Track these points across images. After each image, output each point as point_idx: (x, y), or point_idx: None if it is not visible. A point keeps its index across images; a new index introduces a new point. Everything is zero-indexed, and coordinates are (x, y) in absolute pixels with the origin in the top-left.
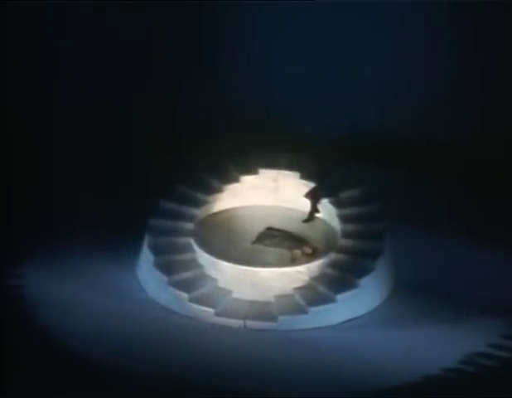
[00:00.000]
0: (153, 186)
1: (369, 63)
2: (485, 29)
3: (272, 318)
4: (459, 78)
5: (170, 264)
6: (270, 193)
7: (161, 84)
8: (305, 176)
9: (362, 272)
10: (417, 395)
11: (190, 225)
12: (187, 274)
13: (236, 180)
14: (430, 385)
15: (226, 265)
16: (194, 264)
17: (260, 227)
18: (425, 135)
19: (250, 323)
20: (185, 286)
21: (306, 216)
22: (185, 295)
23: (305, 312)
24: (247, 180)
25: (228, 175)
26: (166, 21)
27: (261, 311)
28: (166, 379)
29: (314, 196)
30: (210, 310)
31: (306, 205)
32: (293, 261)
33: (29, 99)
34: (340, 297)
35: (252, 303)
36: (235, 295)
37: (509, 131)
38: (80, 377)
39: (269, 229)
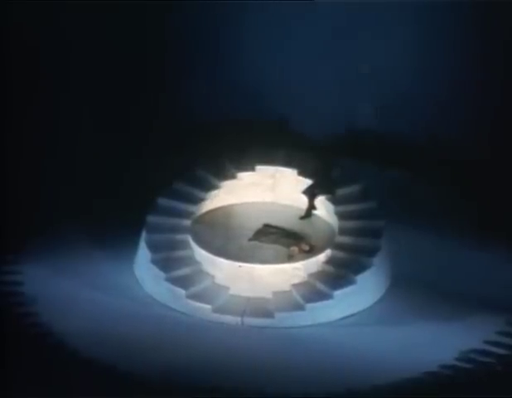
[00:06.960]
0: (151, 183)
1: (368, 61)
2: (484, 28)
3: (270, 315)
4: (458, 77)
5: (167, 260)
6: (267, 190)
7: (159, 82)
8: (302, 173)
9: (359, 269)
10: (414, 391)
11: (187, 222)
12: (184, 271)
13: (233, 177)
14: (427, 382)
15: (223, 262)
16: (191, 260)
17: (257, 224)
18: (424, 134)
19: (247, 320)
20: (183, 283)
21: (303, 213)
22: (182, 292)
23: (302, 308)
24: (244, 177)
25: (225, 172)
26: (164, 20)
27: (258, 307)
28: (164, 375)
29: (311, 193)
30: (208, 307)
31: (303, 202)
32: (290, 258)
33: (28, 98)
34: (337, 293)
35: (249, 299)
36: (232, 292)
37: (509, 131)
38: (77, 373)
39: (266, 226)
